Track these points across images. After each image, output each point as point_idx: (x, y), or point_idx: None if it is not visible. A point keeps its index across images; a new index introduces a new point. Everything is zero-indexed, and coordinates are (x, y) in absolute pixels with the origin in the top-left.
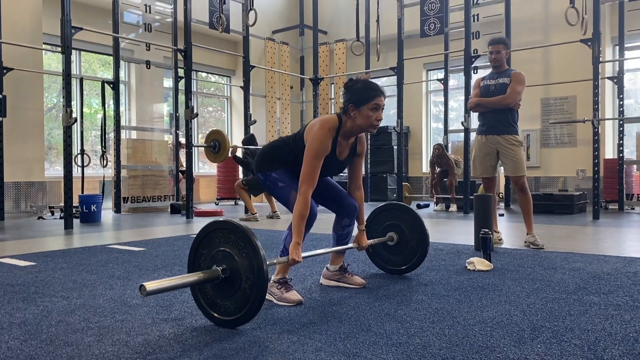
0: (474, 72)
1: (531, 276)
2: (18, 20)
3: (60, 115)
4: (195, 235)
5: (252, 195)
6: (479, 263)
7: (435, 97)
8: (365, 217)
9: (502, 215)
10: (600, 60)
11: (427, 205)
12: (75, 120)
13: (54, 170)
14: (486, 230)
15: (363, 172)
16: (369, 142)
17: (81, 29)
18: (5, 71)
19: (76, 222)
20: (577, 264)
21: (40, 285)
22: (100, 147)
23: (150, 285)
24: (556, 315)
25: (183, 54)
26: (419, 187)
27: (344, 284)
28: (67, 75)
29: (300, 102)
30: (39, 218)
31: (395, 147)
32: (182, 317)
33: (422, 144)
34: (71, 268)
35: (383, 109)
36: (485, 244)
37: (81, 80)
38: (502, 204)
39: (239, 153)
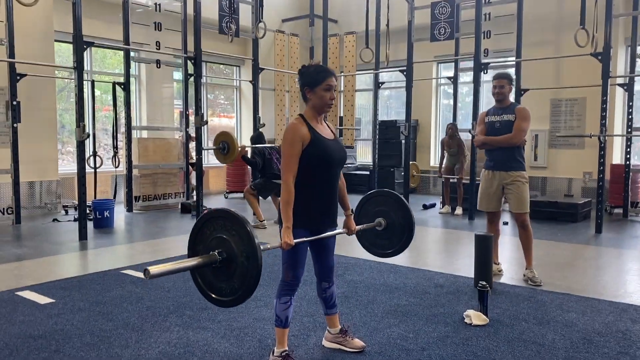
0: (484, 73)
1: (524, 336)
2: (28, 16)
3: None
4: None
5: (260, 199)
6: (476, 317)
7: (445, 88)
8: (355, 205)
9: (506, 223)
10: (611, 75)
11: (433, 205)
12: (88, 135)
13: (67, 156)
14: (484, 283)
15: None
16: (377, 135)
17: (92, 43)
18: (19, 78)
19: (89, 225)
20: (570, 315)
21: (60, 339)
22: (112, 145)
23: (154, 269)
24: None
25: (193, 61)
26: (427, 182)
27: (345, 347)
28: (79, 91)
29: None
30: (53, 220)
31: (403, 142)
32: None
33: (430, 137)
34: (88, 310)
35: (336, 89)
36: (482, 298)
37: (92, 82)
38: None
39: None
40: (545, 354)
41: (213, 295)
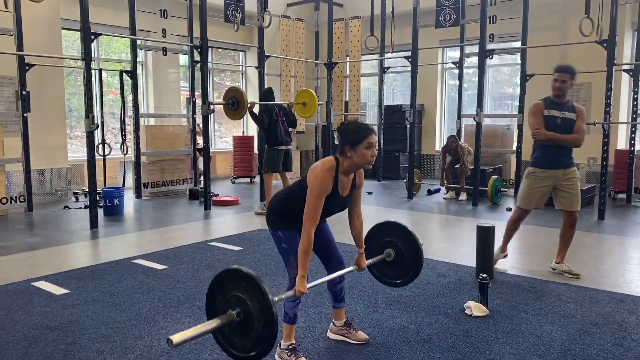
0: (489, 58)
1: (522, 327)
2: (35, 7)
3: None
4: (213, 240)
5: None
6: (476, 309)
7: (452, 71)
8: (365, 232)
9: (509, 209)
10: (616, 62)
11: (437, 191)
12: (97, 126)
13: (75, 141)
14: (484, 275)
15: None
16: (382, 123)
17: (100, 34)
18: (27, 68)
19: (100, 213)
20: (568, 306)
21: (76, 330)
22: (120, 132)
23: (177, 337)
24: None
25: (199, 50)
26: (431, 166)
27: (349, 339)
28: (88, 82)
29: (314, 78)
30: (64, 207)
31: (408, 127)
32: None
33: (435, 121)
34: (101, 301)
35: (376, 146)
36: (482, 289)
37: (100, 71)
38: (512, 191)
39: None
40: (542, 346)
41: (235, 353)
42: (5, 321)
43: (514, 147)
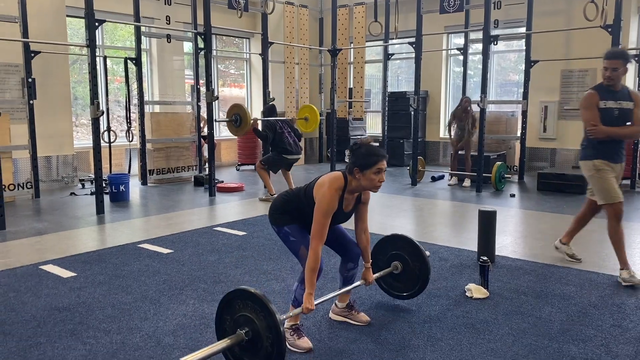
0: (494, 44)
1: (522, 309)
2: None
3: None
4: (217, 225)
5: (271, 173)
6: (476, 291)
7: (456, 57)
8: (371, 247)
9: (513, 195)
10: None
11: (441, 177)
12: (102, 113)
13: (81, 128)
14: (485, 259)
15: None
16: (386, 110)
17: (104, 21)
18: (33, 55)
19: (106, 200)
20: (568, 289)
21: (83, 311)
22: (125, 119)
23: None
24: None
25: (202, 37)
26: (435, 153)
27: (351, 320)
28: (93, 69)
29: (319, 65)
30: (71, 194)
31: (412, 113)
32: None
33: (440, 108)
34: (108, 283)
35: (385, 170)
36: (483, 272)
37: (105, 58)
38: (516, 177)
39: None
40: (542, 326)
41: None
42: (14, 303)
43: (519, 134)
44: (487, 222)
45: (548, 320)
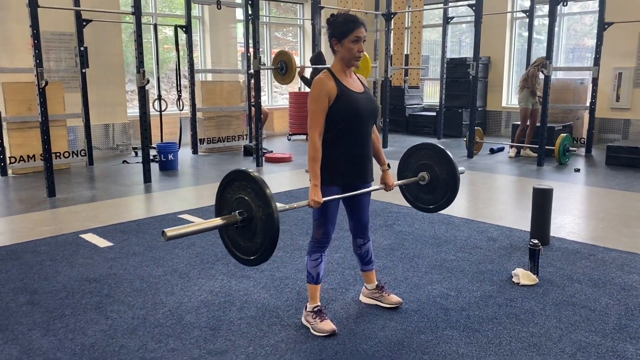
0: (563, 5)
1: (574, 299)
2: None
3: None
4: None
5: None
6: (524, 277)
7: (521, 22)
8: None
9: (577, 170)
10: None
11: (501, 149)
12: (148, 81)
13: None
14: (535, 241)
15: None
16: (444, 77)
17: None
18: (85, 23)
19: (155, 168)
20: (631, 278)
21: (113, 283)
22: (176, 89)
23: (171, 232)
24: None
25: (250, 2)
26: (497, 123)
27: (381, 303)
28: (138, 37)
29: (374, 30)
30: (123, 162)
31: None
32: (226, 350)
33: (503, 76)
34: (142, 255)
35: (365, 40)
36: (533, 256)
37: (155, 26)
38: (582, 150)
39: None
40: (595, 320)
41: (237, 254)
42: (49, 272)
43: (588, 103)
44: (542, 201)
45: (604, 313)
